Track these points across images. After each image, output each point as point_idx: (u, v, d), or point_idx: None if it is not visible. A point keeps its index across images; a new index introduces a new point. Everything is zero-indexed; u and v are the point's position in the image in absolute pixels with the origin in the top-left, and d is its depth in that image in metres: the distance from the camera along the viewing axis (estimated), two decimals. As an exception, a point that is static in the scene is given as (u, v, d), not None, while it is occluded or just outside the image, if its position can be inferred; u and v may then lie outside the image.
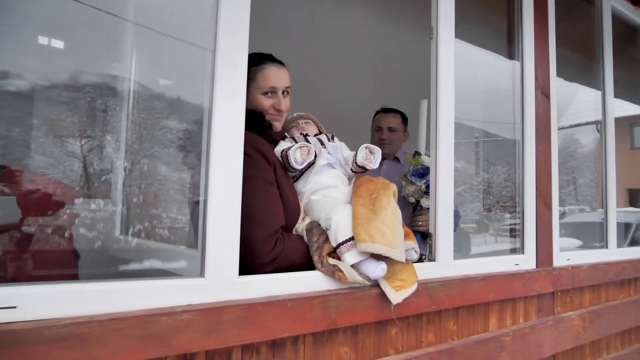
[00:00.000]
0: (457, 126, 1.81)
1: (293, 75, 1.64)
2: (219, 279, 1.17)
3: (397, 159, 2.57)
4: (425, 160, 2.07)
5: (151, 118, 1.39)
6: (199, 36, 1.29)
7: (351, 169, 1.63)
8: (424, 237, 1.89)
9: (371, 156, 1.59)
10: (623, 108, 3.56)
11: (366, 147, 1.59)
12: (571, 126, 3.54)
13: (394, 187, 1.48)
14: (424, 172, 2.03)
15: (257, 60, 1.56)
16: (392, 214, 1.40)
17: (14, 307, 0.91)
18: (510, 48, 2.23)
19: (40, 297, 0.94)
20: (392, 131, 2.57)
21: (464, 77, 1.85)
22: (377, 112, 2.69)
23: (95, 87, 1.31)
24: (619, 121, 3.11)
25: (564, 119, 3.22)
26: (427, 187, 1.98)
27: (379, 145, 2.48)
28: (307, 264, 1.41)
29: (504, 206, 2.20)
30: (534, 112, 2.14)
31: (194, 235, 1.28)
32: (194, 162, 1.29)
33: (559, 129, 3.11)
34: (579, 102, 3.52)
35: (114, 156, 1.33)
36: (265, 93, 1.56)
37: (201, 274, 1.16)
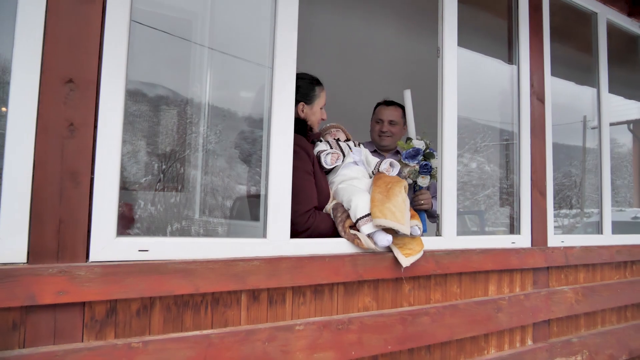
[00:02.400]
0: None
1: (329, 85, 2.16)
2: (276, 239, 1.61)
3: (398, 153, 2.59)
4: (415, 144, 2.19)
5: (221, 125, 1.87)
6: (259, 57, 1.76)
7: (372, 171, 2.08)
8: (429, 215, 2.28)
9: (390, 168, 2.05)
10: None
11: (389, 162, 2.06)
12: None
13: (405, 183, 1.91)
14: (415, 154, 2.16)
15: (319, 82, 2.12)
16: (402, 200, 1.82)
17: (147, 251, 1.38)
18: (511, 55, 2.61)
19: (163, 245, 1.40)
20: (393, 124, 2.64)
21: (470, 83, 2.24)
22: (378, 104, 2.72)
23: (186, 102, 1.80)
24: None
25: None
26: (421, 167, 2.16)
27: (379, 137, 2.71)
28: (332, 235, 1.84)
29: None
30: (529, 115, 2.51)
31: (254, 212, 1.74)
32: (256, 159, 1.76)
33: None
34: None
35: (194, 160, 1.82)
36: (322, 107, 2.14)
37: (264, 235, 1.61)
